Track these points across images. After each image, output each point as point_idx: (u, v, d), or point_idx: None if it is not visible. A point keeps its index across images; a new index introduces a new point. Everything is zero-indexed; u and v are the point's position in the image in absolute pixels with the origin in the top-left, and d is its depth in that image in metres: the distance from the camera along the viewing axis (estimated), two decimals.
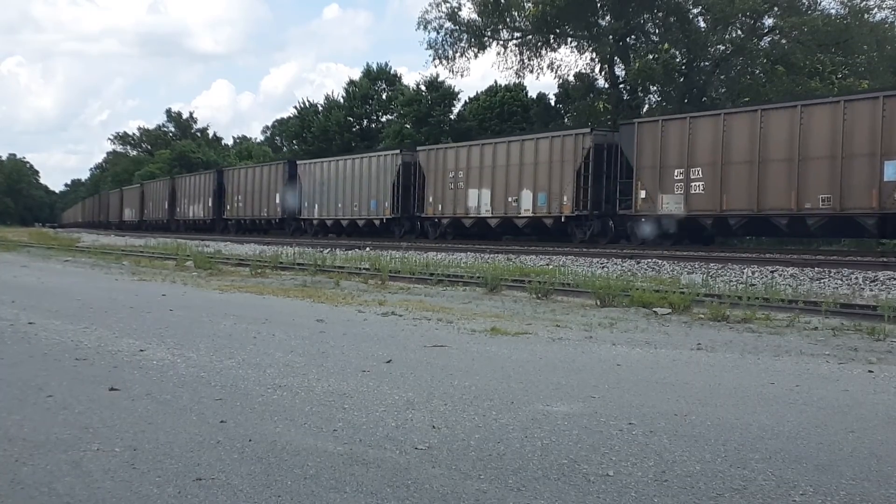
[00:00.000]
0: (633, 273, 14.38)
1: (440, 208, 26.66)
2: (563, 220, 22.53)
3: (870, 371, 5.34)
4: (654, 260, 15.72)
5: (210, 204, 41.25)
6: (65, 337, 6.41)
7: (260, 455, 3.30)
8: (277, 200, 35.60)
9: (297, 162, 35.97)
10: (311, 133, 50.30)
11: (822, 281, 12.31)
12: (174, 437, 3.54)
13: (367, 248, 21.86)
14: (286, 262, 16.59)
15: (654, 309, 8.65)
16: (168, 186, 48.14)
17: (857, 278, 12.22)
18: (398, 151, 29.19)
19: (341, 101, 52.08)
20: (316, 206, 32.93)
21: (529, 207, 23.27)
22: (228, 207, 39.55)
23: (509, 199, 23.94)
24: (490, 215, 24.65)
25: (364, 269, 14.35)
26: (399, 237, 28.08)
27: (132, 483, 2.95)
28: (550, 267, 15.35)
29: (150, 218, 51.36)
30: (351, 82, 52.71)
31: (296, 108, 56.08)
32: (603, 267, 15.44)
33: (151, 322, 7.36)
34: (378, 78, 51.79)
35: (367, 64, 58.08)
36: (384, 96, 51.81)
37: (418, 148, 29.24)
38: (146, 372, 5.03)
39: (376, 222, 29.42)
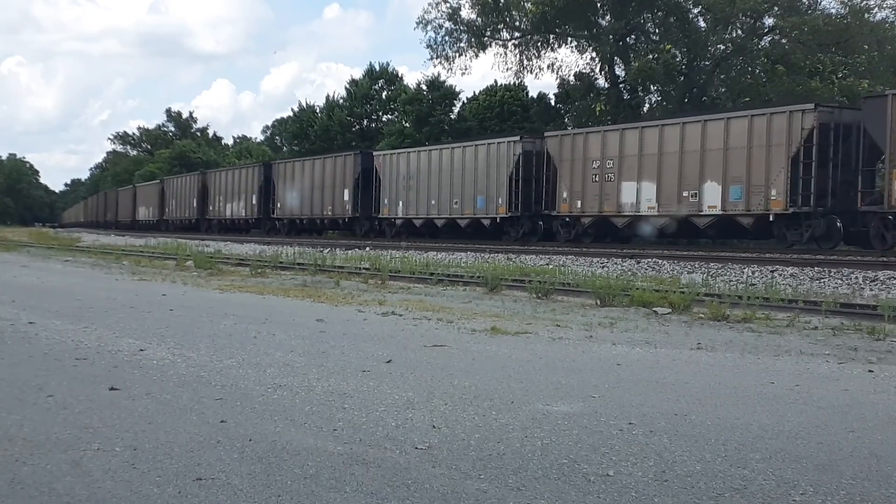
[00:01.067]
0: (633, 273, 14.38)
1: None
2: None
3: (870, 371, 5.34)
4: (654, 260, 15.73)
5: (254, 201, 37.06)
6: (65, 337, 6.41)
7: (260, 455, 3.31)
8: (347, 197, 31.37)
9: (374, 153, 32.11)
10: (314, 131, 50.27)
11: (822, 281, 12.32)
12: (174, 437, 3.54)
13: (367, 248, 21.86)
14: (286, 262, 16.59)
15: (654, 308, 8.65)
16: (198, 182, 43.57)
17: (857, 278, 12.22)
18: (518, 138, 24.74)
19: (340, 101, 52.10)
20: (400, 203, 28.71)
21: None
22: (279, 205, 35.23)
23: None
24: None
25: (364, 268, 14.35)
26: (515, 239, 24.25)
27: (132, 483, 2.96)
28: (550, 267, 15.35)
29: (174, 217, 46.99)
30: (353, 81, 52.75)
31: (293, 110, 56.13)
32: (603, 267, 15.44)
33: (151, 322, 7.36)
34: (380, 77, 51.79)
35: (371, 63, 58.11)
36: (384, 96, 51.82)
37: (546, 134, 24.77)
38: (146, 372, 5.03)
39: (485, 222, 25.16)
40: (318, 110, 53.16)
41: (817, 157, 17.18)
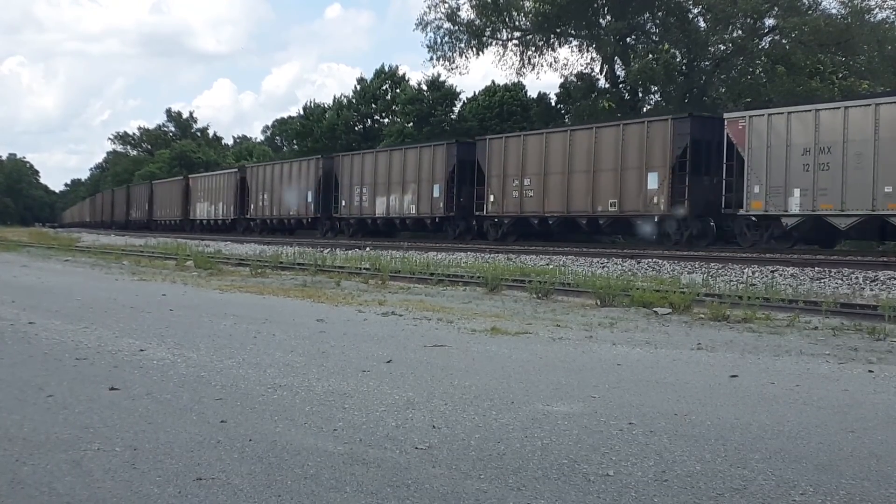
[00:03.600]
0: (634, 273, 14.38)
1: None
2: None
3: (870, 371, 5.34)
4: (654, 260, 15.72)
5: (309, 199, 32.99)
6: (65, 337, 6.41)
7: (260, 455, 3.31)
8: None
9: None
10: (320, 130, 50.21)
11: (823, 281, 12.31)
12: (174, 437, 3.54)
13: (367, 248, 21.87)
14: (286, 262, 16.59)
15: (654, 309, 8.65)
16: (234, 179, 40.02)
17: (857, 278, 12.22)
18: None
19: (345, 101, 52.05)
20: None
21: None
22: (344, 203, 31.36)
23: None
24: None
25: (364, 268, 14.35)
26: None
27: (132, 483, 2.96)
28: (550, 267, 15.35)
29: (204, 217, 43.51)
30: (361, 79, 52.79)
31: (303, 108, 56.06)
32: (603, 267, 15.44)
33: (152, 322, 7.36)
34: (388, 78, 51.76)
35: (383, 64, 58.03)
36: (388, 97, 51.80)
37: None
38: (146, 372, 5.03)
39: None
40: (325, 109, 53.09)
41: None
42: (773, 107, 18.60)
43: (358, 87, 52.18)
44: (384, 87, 51.24)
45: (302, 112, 55.40)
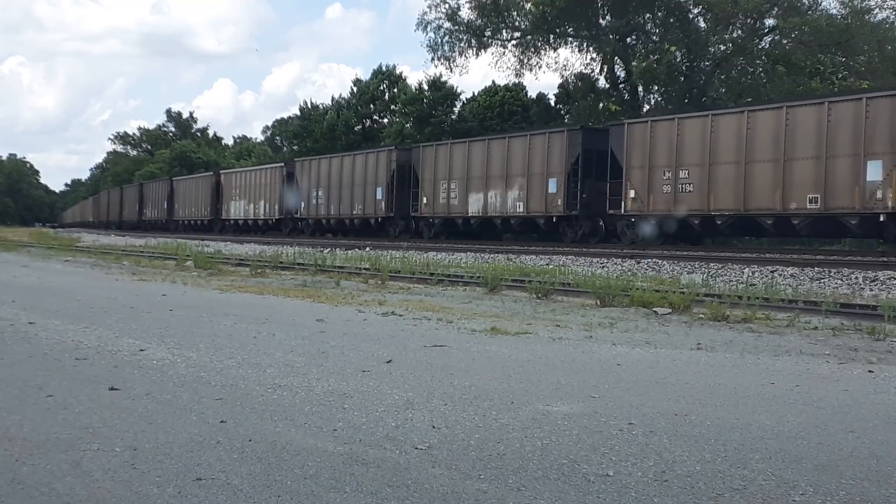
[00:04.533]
0: (633, 273, 14.39)
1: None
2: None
3: (870, 371, 5.34)
4: (654, 260, 15.73)
5: (379, 196, 29.65)
6: (65, 337, 6.41)
7: (260, 455, 3.31)
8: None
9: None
10: (320, 130, 50.19)
11: (822, 281, 12.32)
12: (174, 437, 3.54)
13: (367, 248, 21.87)
14: (286, 262, 16.59)
15: (654, 309, 8.65)
16: (279, 174, 35.94)
17: (857, 278, 12.22)
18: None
19: (344, 101, 52.04)
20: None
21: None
22: (425, 201, 27.69)
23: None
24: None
25: (364, 269, 14.36)
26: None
27: (132, 483, 2.96)
28: (550, 267, 15.36)
29: (241, 216, 39.44)
30: (358, 80, 52.74)
31: (301, 108, 56.01)
32: (603, 267, 15.44)
33: (151, 322, 7.36)
34: (386, 78, 51.75)
35: (380, 64, 57.95)
36: (386, 97, 51.78)
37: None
38: (146, 372, 5.03)
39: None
40: (322, 109, 53.04)
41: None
42: None
43: (355, 90, 52.15)
44: (381, 88, 51.23)
45: (301, 111, 55.36)
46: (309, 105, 54.51)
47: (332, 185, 31.44)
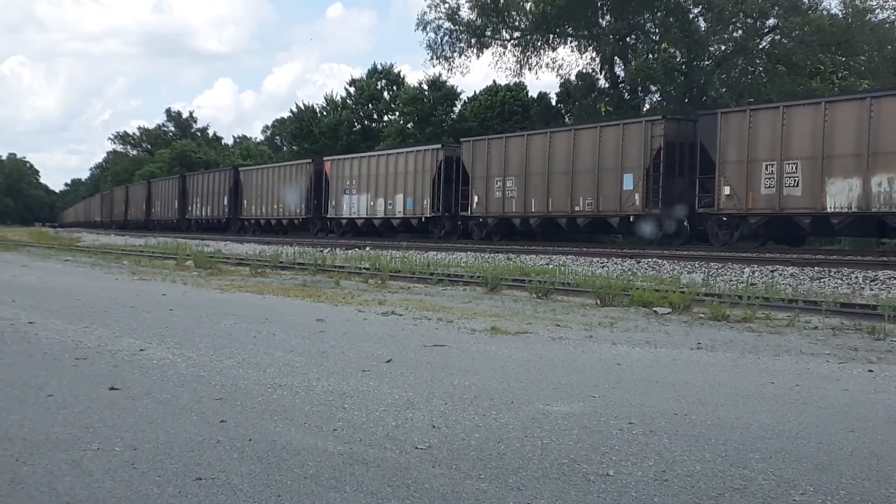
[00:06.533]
0: (634, 272, 14.38)
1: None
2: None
3: (870, 371, 5.34)
4: (654, 259, 15.73)
5: (424, 196, 27.10)
6: (65, 336, 6.40)
7: (260, 454, 3.30)
8: (630, 185, 21.42)
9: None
10: (320, 129, 50.13)
11: (822, 280, 12.32)
12: (174, 437, 3.54)
13: (367, 248, 21.87)
14: (286, 262, 16.59)
15: (654, 308, 8.65)
16: (306, 171, 33.93)
17: (857, 278, 12.22)
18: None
19: (341, 100, 52.03)
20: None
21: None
22: (476, 200, 25.36)
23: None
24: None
25: (364, 268, 14.35)
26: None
27: (132, 482, 2.95)
28: (550, 266, 15.36)
29: (263, 216, 37.39)
30: (353, 81, 52.67)
31: (292, 111, 55.86)
32: (603, 266, 15.44)
33: (151, 321, 7.36)
34: (383, 77, 51.72)
35: (374, 63, 57.70)
36: (386, 95, 51.78)
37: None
38: (146, 371, 5.03)
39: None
40: (317, 110, 52.97)
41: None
42: None
43: (352, 90, 52.11)
44: (379, 87, 51.20)
45: (296, 112, 55.15)
46: (304, 105, 54.45)
47: (370, 184, 29.41)
